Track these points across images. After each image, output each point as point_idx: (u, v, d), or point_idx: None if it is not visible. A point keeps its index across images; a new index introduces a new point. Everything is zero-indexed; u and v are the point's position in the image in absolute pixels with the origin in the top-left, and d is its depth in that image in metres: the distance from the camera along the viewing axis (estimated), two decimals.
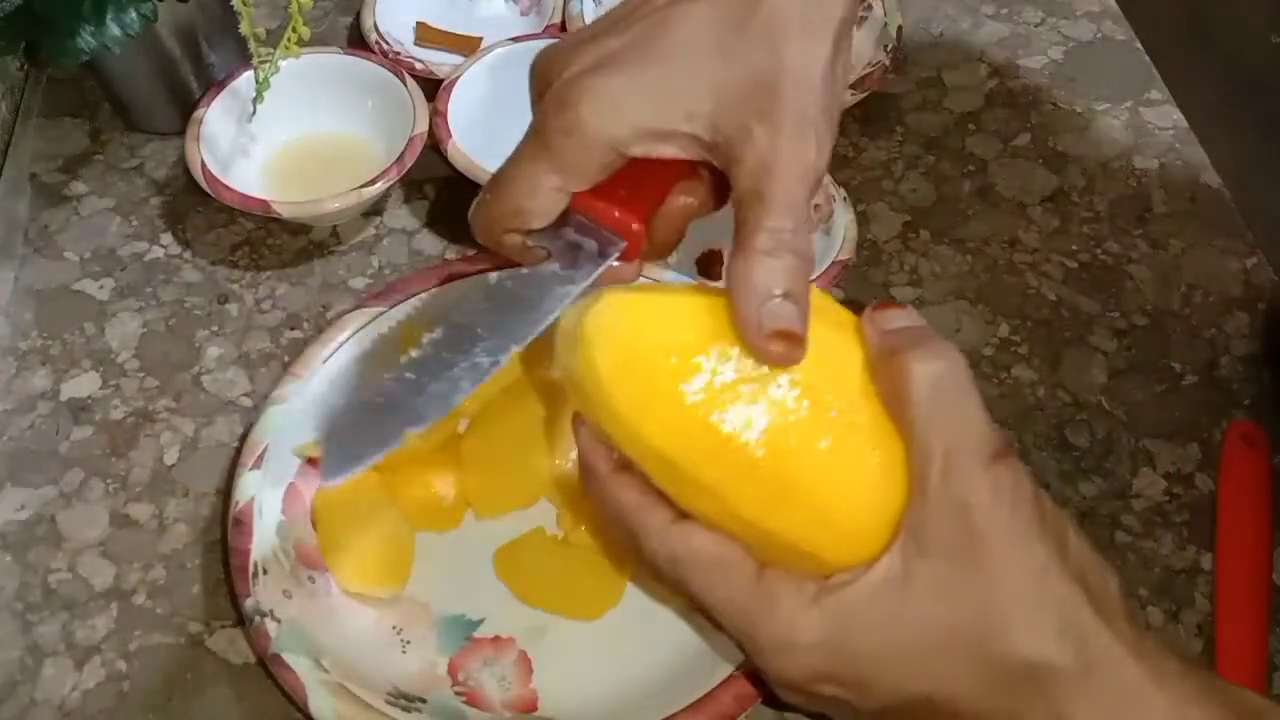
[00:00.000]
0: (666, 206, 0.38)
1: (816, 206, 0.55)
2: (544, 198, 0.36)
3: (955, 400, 0.34)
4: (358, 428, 0.35)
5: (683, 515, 0.36)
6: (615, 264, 0.37)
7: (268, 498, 0.46)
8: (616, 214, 0.36)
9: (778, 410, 0.34)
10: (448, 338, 0.36)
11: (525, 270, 0.37)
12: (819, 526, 0.34)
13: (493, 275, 0.37)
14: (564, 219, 0.37)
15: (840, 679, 0.34)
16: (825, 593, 0.34)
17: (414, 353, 0.36)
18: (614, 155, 0.35)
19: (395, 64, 0.61)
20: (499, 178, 0.37)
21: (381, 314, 0.50)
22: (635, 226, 0.37)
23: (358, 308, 0.51)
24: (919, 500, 0.33)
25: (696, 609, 0.39)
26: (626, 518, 0.37)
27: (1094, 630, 0.32)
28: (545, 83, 0.37)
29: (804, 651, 0.34)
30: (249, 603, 0.43)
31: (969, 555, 0.33)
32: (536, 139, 0.36)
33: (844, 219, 0.55)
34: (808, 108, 0.34)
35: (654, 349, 0.34)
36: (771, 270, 0.33)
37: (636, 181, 0.37)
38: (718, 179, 0.38)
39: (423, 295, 0.51)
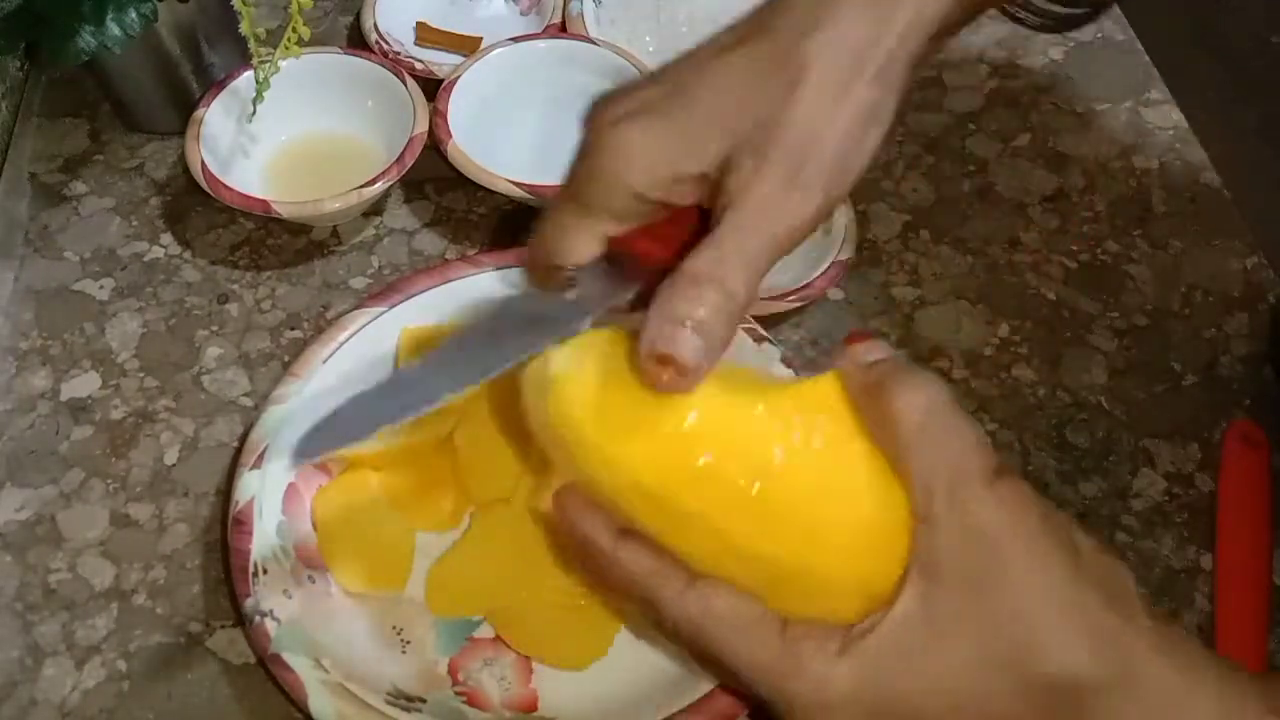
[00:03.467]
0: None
1: None
2: (575, 239, 0.37)
3: (947, 426, 0.33)
4: (337, 420, 0.35)
5: (696, 578, 0.35)
6: (635, 293, 0.38)
7: (268, 498, 0.46)
8: (644, 245, 0.37)
9: (758, 438, 0.34)
10: (448, 349, 0.37)
11: (542, 295, 0.38)
12: (813, 545, 0.34)
13: (512, 294, 0.39)
14: (603, 255, 0.38)
15: None
16: (850, 643, 0.33)
17: (413, 362, 0.37)
18: (636, 201, 0.36)
19: (395, 64, 0.61)
20: (541, 219, 0.38)
21: (381, 314, 0.50)
22: (663, 259, 0.37)
23: (358, 308, 0.51)
24: (927, 532, 0.33)
25: (721, 679, 0.40)
26: (641, 588, 0.36)
27: (1122, 636, 0.32)
28: (586, 129, 0.38)
29: (839, 708, 0.33)
30: (249, 603, 0.43)
31: (986, 578, 0.32)
32: (567, 185, 0.37)
33: (844, 219, 0.55)
34: (806, 159, 0.34)
35: (626, 380, 0.34)
36: (691, 298, 0.33)
37: (677, 221, 0.37)
38: None
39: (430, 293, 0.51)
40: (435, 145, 0.57)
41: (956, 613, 0.32)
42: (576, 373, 0.35)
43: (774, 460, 0.34)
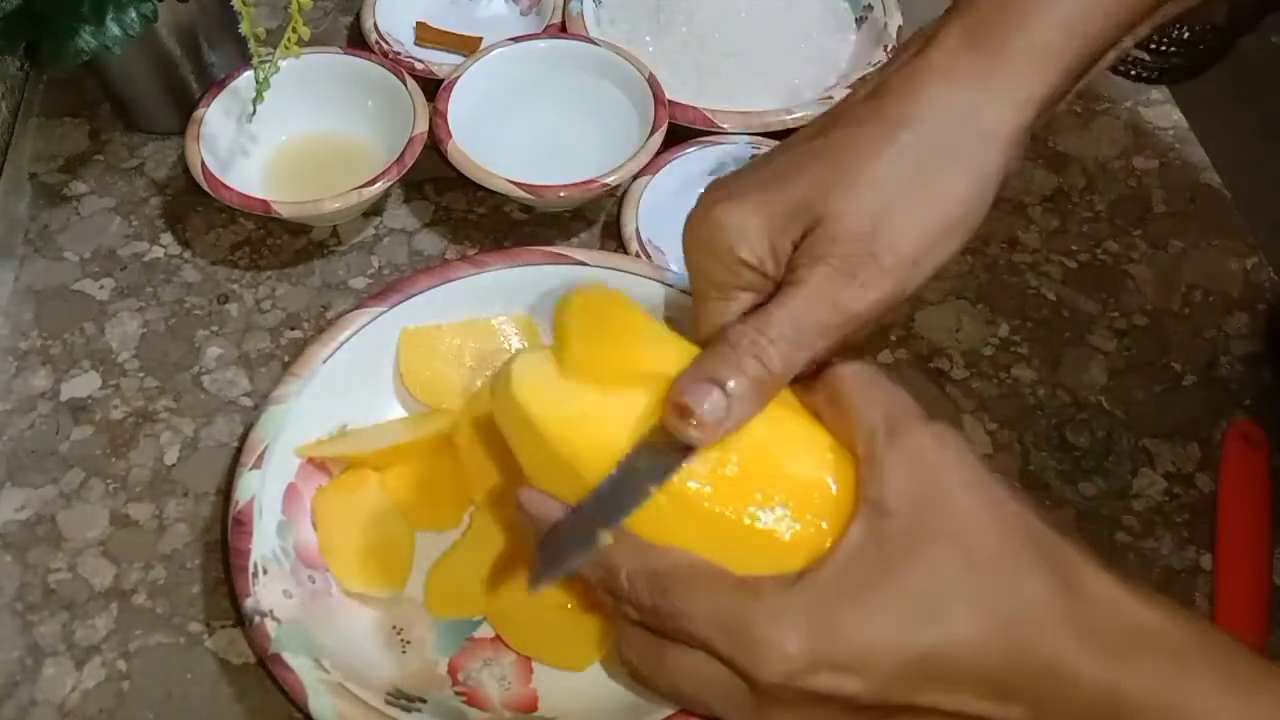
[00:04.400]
0: None
1: None
2: (715, 320, 0.38)
3: (881, 383, 0.36)
4: (561, 536, 0.36)
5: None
6: None
7: (268, 498, 0.46)
8: None
9: None
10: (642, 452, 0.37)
11: None
12: (764, 506, 0.35)
13: None
14: None
15: (838, 661, 0.33)
16: (805, 574, 0.34)
17: (615, 471, 0.37)
18: (748, 271, 0.37)
19: (395, 64, 0.61)
20: (694, 314, 0.40)
21: (381, 314, 0.50)
22: None
23: (358, 308, 0.51)
24: (870, 469, 0.34)
25: (678, 702, 0.39)
26: (600, 556, 0.36)
27: (1066, 552, 0.33)
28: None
29: (795, 637, 0.33)
30: (249, 603, 0.43)
31: (929, 501, 0.33)
32: (690, 272, 0.39)
33: None
34: (876, 256, 0.35)
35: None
36: (729, 365, 0.35)
37: None
38: None
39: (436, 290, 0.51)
40: (435, 145, 0.57)
41: (904, 539, 0.33)
42: (534, 358, 0.38)
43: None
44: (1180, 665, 0.31)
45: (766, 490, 0.35)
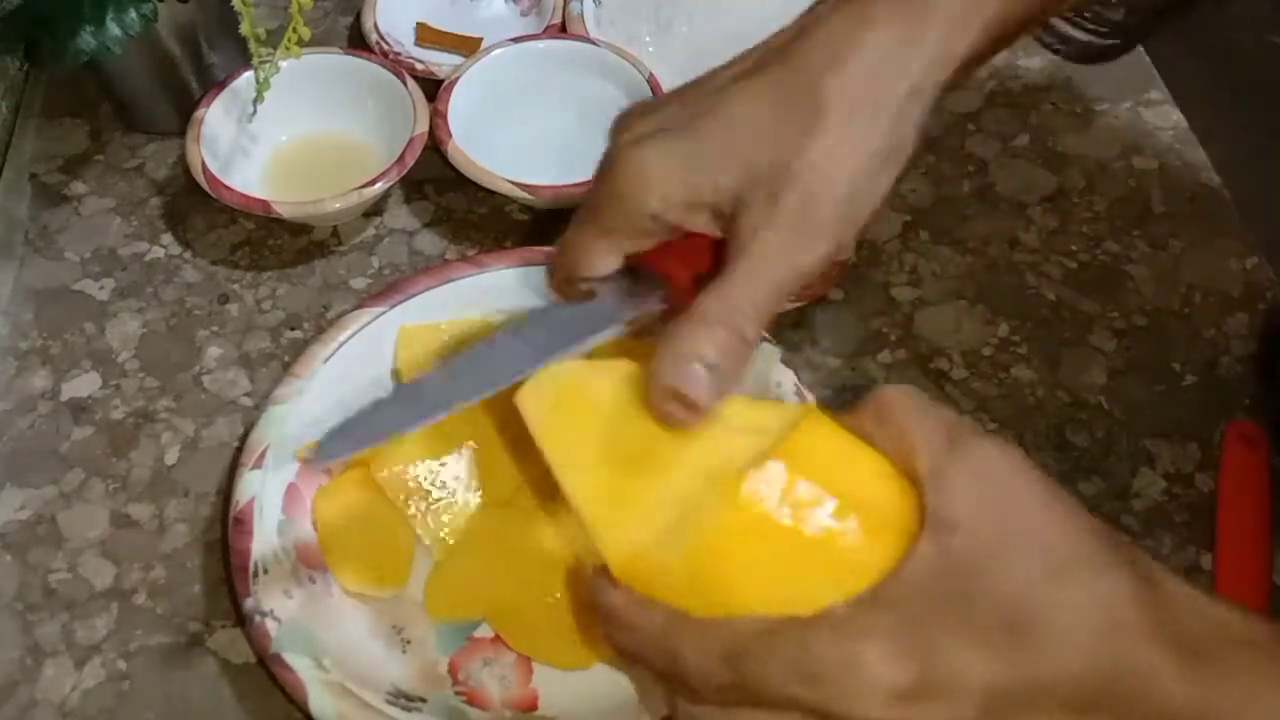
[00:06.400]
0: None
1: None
2: (594, 255, 0.38)
3: (931, 404, 0.35)
4: (356, 423, 0.37)
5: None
6: (656, 308, 0.38)
7: (268, 498, 0.46)
8: (663, 262, 0.37)
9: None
10: (472, 356, 0.38)
11: (569, 305, 0.39)
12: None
13: (539, 307, 0.40)
14: (624, 268, 0.39)
15: (937, 684, 0.30)
16: (879, 595, 0.31)
17: (435, 369, 0.37)
18: (652, 222, 0.36)
19: (396, 64, 0.61)
20: (564, 238, 0.39)
21: (382, 314, 0.50)
22: (682, 276, 0.37)
23: (358, 308, 0.51)
24: (934, 483, 0.33)
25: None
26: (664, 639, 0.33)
27: (1139, 554, 0.32)
28: (608, 145, 0.38)
29: (887, 657, 0.30)
30: (249, 603, 0.43)
31: (999, 510, 0.32)
32: (587, 201, 0.38)
33: None
34: (818, 205, 0.35)
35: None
36: (701, 338, 0.34)
37: (696, 241, 0.37)
38: None
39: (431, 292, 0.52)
40: (435, 145, 0.57)
41: (979, 550, 0.31)
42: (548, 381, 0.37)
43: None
44: (1271, 670, 0.30)
45: (832, 503, 0.33)
